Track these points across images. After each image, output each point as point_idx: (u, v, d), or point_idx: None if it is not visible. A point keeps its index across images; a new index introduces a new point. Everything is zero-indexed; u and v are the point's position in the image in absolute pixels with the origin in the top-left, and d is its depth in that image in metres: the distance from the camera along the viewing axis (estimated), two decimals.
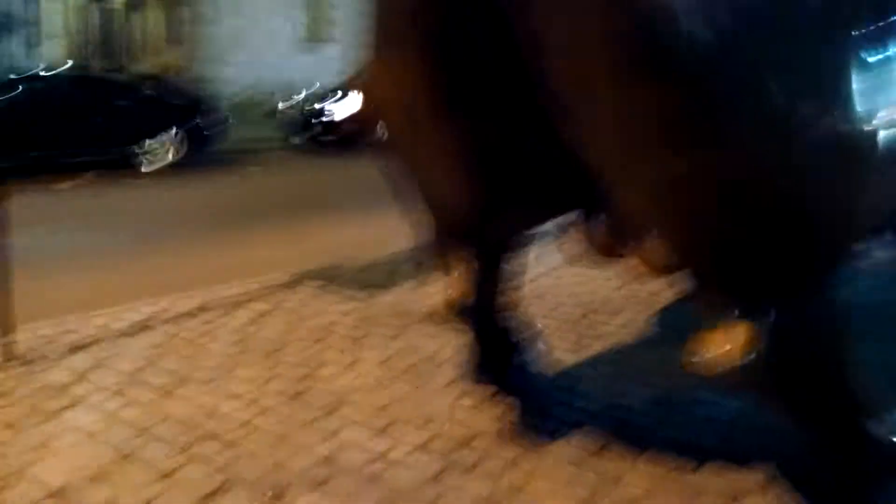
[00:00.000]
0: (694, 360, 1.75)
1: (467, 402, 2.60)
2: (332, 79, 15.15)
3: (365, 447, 2.30)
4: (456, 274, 2.20)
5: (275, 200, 7.52)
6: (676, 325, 3.46)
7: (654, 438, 2.38)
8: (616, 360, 3.02)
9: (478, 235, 2.18)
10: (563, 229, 2.71)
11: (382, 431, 2.40)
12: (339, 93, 12.85)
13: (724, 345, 1.71)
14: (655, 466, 2.22)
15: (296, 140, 12.78)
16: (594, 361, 3.01)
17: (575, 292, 3.91)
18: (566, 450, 2.30)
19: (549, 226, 2.77)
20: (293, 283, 4.07)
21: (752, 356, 1.68)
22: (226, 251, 5.17)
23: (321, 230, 5.96)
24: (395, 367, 2.91)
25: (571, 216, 2.25)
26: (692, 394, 2.74)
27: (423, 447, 2.30)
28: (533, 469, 2.19)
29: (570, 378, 2.83)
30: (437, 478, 2.14)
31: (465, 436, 2.37)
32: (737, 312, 1.71)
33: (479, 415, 2.51)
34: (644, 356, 3.08)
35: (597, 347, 3.16)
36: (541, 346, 2.79)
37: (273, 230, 5.90)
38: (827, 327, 1.76)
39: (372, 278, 4.20)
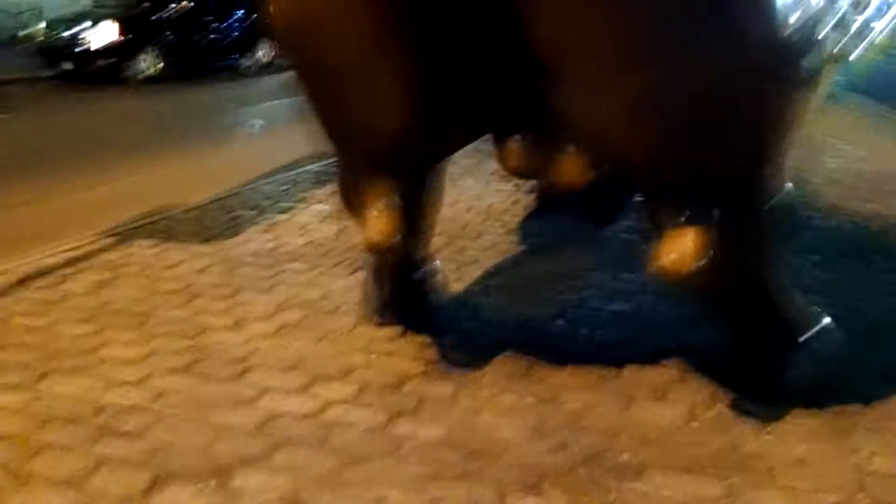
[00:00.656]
0: (659, 263, 1.82)
1: (379, 346, 2.51)
2: (69, 4, 13.34)
3: (294, 412, 2.13)
4: (376, 211, 2.05)
5: (51, 144, 6.57)
6: (537, 241, 3.61)
7: (571, 351, 2.47)
8: (503, 283, 3.07)
9: (406, 163, 2.04)
10: None
11: (305, 392, 2.24)
12: (90, 20, 11.41)
13: (675, 251, 1.79)
14: (583, 378, 2.31)
15: (46, 73, 11.19)
16: (483, 287, 3.03)
17: None
18: (497, 379, 2.31)
19: None
20: (121, 240, 3.60)
21: (703, 261, 1.79)
22: (12, 211, 4.43)
23: (121, 175, 5.32)
24: (285, 321, 2.71)
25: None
26: (588, 300, 2.89)
27: (356, 401, 2.19)
28: (474, 404, 2.17)
29: (468, 307, 2.83)
30: (385, 430, 2.05)
31: (392, 382, 2.29)
32: (685, 218, 1.79)
33: (398, 358, 2.43)
34: (523, 274, 3.17)
35: (476, 273, 3.18)
36: (440, 278, 2.75)
37: (61, 180, 5.16)
38: (766, 230, 1.92)
39: (209, 227, 3.85)
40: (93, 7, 12.42)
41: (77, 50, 11.13)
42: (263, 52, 12.87)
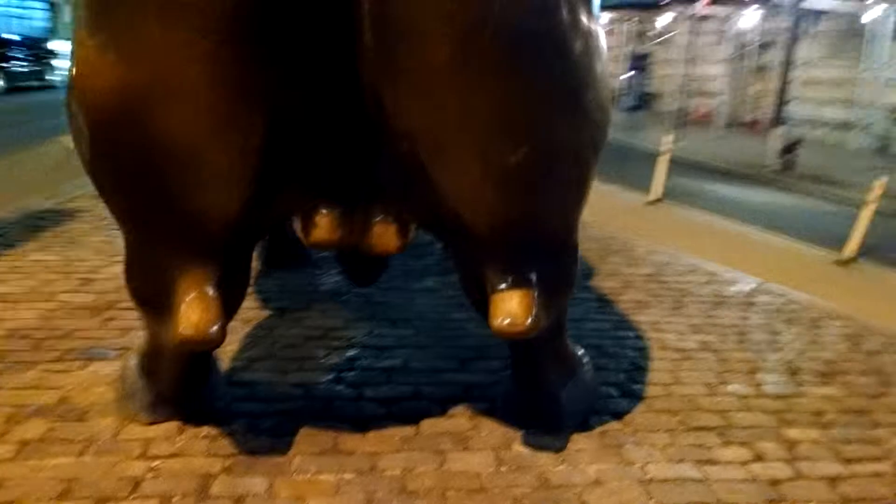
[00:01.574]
0: (495, 324, 1.94)
1: (161, 449, 2.21)
2: None
3: None
4: (189, 302, 1.83)
5: None
6: (279, 304, 3.51)
7: (364, 415, 2.48)
8: (266, 354, 2.93)
9: (230, 244, 1.87)
10: None
11: None
12: None
13: (509, 313, 1.94)
14: (389, 441, 2.33)
15: None
16: (247, 361, 2.86)
17: None
18: (308, 459, 2.21)
19: None
20: None
21: (531, 319, 1.96)
22: None
23: None
24: (26, 436, 2.23)
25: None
26: (357, 360, 2.91)
27: None
28: (296, 492, 2.06)
29: (242, 385, 2.65)
30: None
31: (195, 486, 2.04)
32: (510, 281, 1.96)
33: (188, 458, 2.18)
34: (281, 341, 3.06)
35: (234, 346, 2.97)
36: (218, 362, 2.53)
37: None
38: (572, 279, 2.16)
39: None
40: None
41: None
42: None
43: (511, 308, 1.94)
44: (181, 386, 2.30)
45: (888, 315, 3.97)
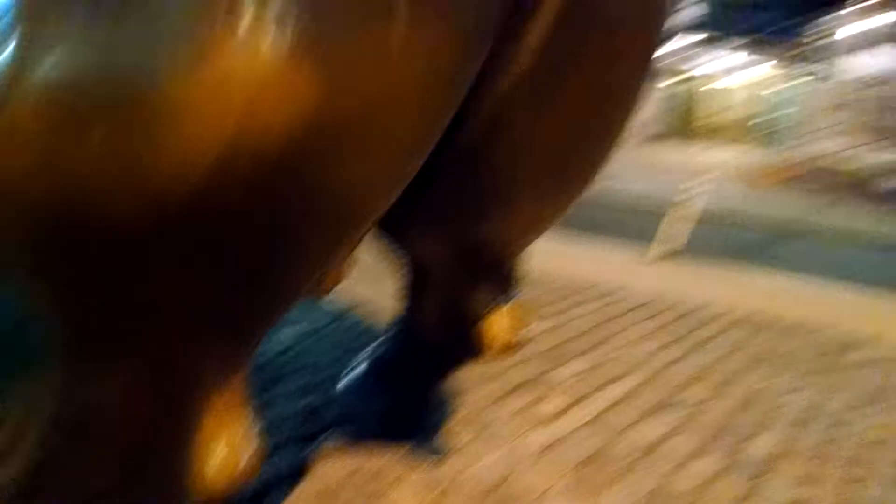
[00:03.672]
0: (495, 346, 1.84)
1: None
2: None
3: None
4: (229, 430, 1.12)
5: None
6: None
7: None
8: None
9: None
10: None
11: None
12: None
13: (504, 331, 1.84)
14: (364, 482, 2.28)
15: None
16: None
17: None
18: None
19: None
20: None
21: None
22: None
23: None
24: None
25: None
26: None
27: None
28: None
29: None
30: None
31: None
32: (503, 298, 1.84)
33: None
34: None
35: None
36: None
37: None
38: None
39: None
40: None
41: None
42: None
43: (507, 324, 1.81)
44: None
45: None
